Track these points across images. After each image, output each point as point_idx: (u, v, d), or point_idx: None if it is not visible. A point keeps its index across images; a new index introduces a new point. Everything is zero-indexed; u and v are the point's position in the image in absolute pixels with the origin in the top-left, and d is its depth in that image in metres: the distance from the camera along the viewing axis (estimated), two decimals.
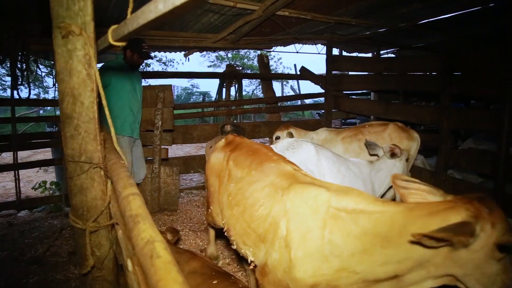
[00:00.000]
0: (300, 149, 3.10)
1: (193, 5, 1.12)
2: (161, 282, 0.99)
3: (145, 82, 15.80)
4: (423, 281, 1.55)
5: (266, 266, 1.93)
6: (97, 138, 1.88)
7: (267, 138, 7.08)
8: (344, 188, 1.83)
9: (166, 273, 1.02)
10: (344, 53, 9.05)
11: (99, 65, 5.09)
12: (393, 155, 3.30)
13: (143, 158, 5.04)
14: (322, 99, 7.48)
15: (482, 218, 1.36)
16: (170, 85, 5.62)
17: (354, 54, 9.17)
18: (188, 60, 7.18)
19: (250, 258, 2.16)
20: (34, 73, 5.66)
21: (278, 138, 4.30)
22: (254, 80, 19.67)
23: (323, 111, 7.39)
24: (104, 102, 1.81)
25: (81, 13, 1.73)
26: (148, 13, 1.28)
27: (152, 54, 15.90)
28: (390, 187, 3.51)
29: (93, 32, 1.77)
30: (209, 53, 19.79)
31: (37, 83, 13.55)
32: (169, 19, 1.27)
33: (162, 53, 15.22)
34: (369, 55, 9.30)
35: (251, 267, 2.16)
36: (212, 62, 20.73)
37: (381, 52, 9.33)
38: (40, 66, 6.30)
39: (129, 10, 1.58)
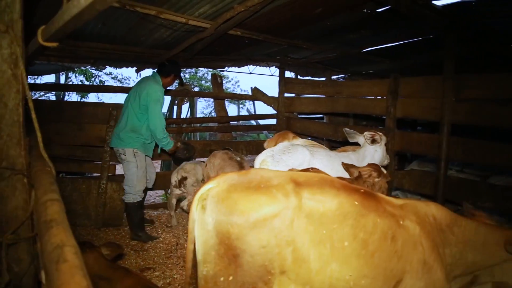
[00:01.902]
0: (296, 153, 3.21)
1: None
2: (63, 287, 0.92)
3: (98, 99, 15.42)
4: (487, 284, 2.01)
5: None
6: (21, 143, 1.77)
7: None
8: (433, 204, 2.03)
9: (69, 277, 0.95)
10: (299, 77, 9.29)
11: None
12: (373, 141, 3.51)
13: (152, 164, 5.26)
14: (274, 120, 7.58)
15: None
16: (123, 104, 5.58)
17: (307, 78, 9.42)
18: (140, 76, 7.08)
19: None
20: None
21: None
22: (212, 101, 19.68)
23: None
24: (31, 104, 1.71)
25: (8, 10, 1.65)
26: (72, 8, 1.24)
27: (107, 71, 15.64)
28: None
29: (21, 30, 1.68)
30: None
31: None
32: (93, 14, 1.23)
33: (117, 70, 14.94)
34: (323, 79, 9.60)
35: None
36: None
37: (333, 77, 9.66)
38: None
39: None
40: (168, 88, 5.13)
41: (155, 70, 4.89)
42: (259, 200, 1.67)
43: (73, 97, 14.76)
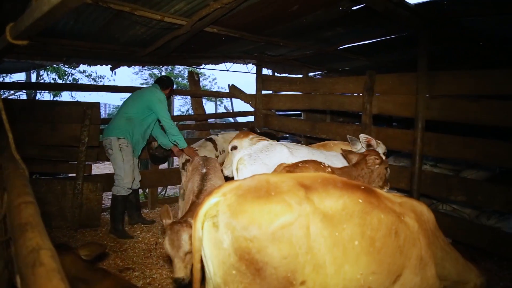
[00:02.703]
0: (274, 152, 3.17)
1: None
2: None
3: (73, 99, 15.08)
4: None
5: None
6: None
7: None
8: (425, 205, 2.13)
9: (47, 281, 0.93)
10: (276, 74, 9.32)
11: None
12: (369, 145, 3.46)
13: (137, 167, 5.42)
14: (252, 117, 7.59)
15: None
16: (98, 103, 5.61)
17: (285, 75, 9.46)
18: (115, 74, 6.96)
19: None
20: None
21: (235, 148, 3.84)
22: (189, 98, 19.51)
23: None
24: (0, 104, 1.66)
25: None
26: (42, 6, 1.21)
27: (81, 69, 15.31)
28: None
29: None
30: (142, 71, 19.37)
31: None
32: (64, 12, 1.20)
33: (92, 68, 14.67)
34: (300, 76, 9.66)
35: None
36: (145, 80, 20.24)
37: (310, 74, 9.73)
38: None
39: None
40: None
41: (154, 83, 5.30)
42: (275, 210, 1.61)
43: (45, 95, 14.41)
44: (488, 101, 4.06)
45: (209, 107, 19.47)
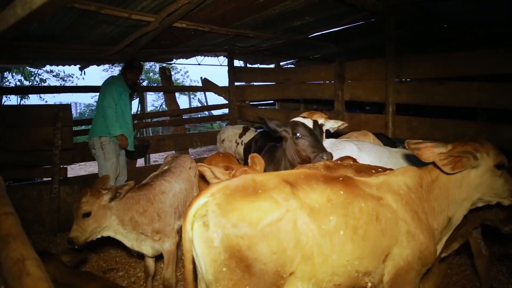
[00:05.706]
0: (344, 150, 3.21)
1: (51, 8, 1.09)
2: None
3: (42, 100, 14.68)
4: (461, 216, 2.13)
5: (400, 270, 1.92)
6: None
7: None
8: (400, 170, 2.12)
9: None
10: (249, 65, 9.33)
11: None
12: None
13: (125, 167, 5.41)
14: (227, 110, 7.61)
15: (479, 149, 1.98)
16: (70, 105, 5.65)
17: (257, 66, 9.48)
18: (84, 74, 6.83)
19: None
20: None
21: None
22: (162, 94, 19.28)
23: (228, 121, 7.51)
24: None
25: None
26: (8, 18, 1.21)
27: (48, 69, 14.88)
28: None
29: None
30: (112, 68, 19.01)
31: None
32: (31, 23, 1.21)
33: (59, 67, 14.29)
34: (272, 66, 9.71)
35: None
36: None
37: (281, 63, 9.80)
38: None
39: None
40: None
41: None
42: (263, 207, 1.64)
43: (12, 98, 13.98)
44: (453, 83, 4.21)
45: (182, 100, 19.35)
